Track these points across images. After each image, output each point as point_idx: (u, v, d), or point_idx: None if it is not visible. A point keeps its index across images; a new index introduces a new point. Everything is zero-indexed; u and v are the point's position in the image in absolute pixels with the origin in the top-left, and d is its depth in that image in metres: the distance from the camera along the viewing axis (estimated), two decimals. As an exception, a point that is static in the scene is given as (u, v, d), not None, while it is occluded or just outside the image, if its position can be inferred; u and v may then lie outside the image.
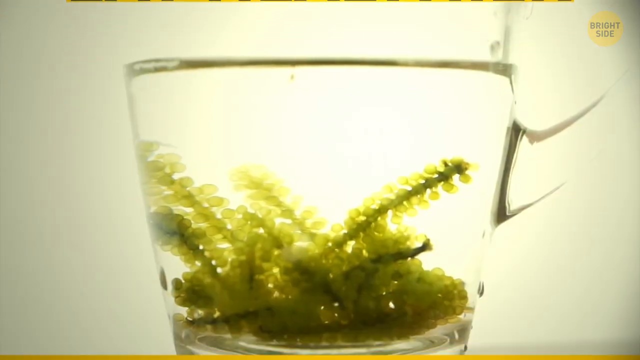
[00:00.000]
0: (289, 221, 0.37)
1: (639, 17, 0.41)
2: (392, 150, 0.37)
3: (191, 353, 0.39)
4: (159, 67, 0.38)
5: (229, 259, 0.38)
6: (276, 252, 0.37)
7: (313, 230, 0.37)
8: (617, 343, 0.55)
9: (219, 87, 0.38)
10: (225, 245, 0.38)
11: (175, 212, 0.39)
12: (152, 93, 0.39)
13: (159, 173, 0.39)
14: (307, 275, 0.37)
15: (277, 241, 0.37)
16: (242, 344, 0.38)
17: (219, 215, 0.38)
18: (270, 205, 0.37)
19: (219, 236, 0.38)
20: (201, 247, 0.38)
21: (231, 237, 0.38)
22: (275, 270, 0.37)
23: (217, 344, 0.39)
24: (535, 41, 0.43)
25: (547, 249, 0.64)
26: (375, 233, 0.37)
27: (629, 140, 0.41)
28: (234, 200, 0.38)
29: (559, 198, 0.42)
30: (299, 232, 0.37)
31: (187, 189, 0.38)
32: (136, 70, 0.39)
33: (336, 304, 0.37)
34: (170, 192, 0.39)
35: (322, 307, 0.37)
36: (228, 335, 0.38)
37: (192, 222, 0.38)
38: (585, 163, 0.41)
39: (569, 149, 0.41)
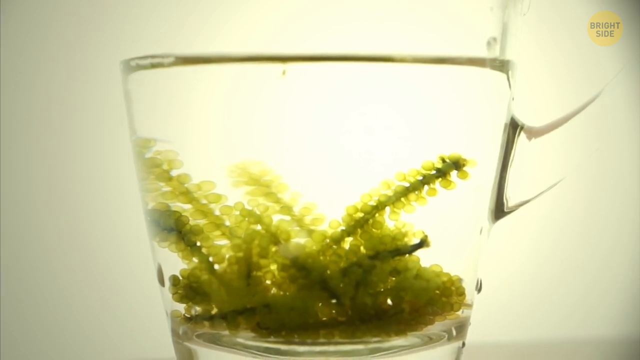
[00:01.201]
0: (287, 218, 0.37)
1: (639, 17, 0.41)
2: (389, 146, 0.37)
3: (189, 349, 0.39)
4: (155, 63, 0.38)
5: (227, 256, 0.38)
6: (274, 248, 0.37)
7: (311, 227, 0.37)
8: (616, 340, 0.55)
9: (216, 83, 0.38)
10: (223, 241, 0.38)
11: (173, 208, 0.38)
12: (149, 89, 0.39)
13: (157, 170, 0.39)
14: (304, 271, 0.37)
15: (274, 238, 0.37)
16: (240, 340, 0.38)
17: (217, 212, 0.38)
18: (269, 202, 0.37)
19: (217, 233, 0.38)
20: (199, 243, 0.38)
21: (229, 233, 0.38)
22: (273, 266, 0.37)
23: (214, 340, 0.39)
24: (535, 37, 0.43)
25: (545, 245, 0.64)
26: (373, 229, 0.37)
27: (628, 136, 0.41)
28: (233, 196, 0.38)
29: (557, 194, 0.42)
30: (297, 228, 0.37)
31: (185, 185, 0.38)
32: (132, 66, 0.39)
33: (334, 301, 0.37)
34: (168, 188, 0.38)
35: (320, 304, 0.37)
36: (226, 332, 0.38)
37: (190, 218, 0.38)
38: (583, 159, 0.41)
39: (567, 145, 0.41)
